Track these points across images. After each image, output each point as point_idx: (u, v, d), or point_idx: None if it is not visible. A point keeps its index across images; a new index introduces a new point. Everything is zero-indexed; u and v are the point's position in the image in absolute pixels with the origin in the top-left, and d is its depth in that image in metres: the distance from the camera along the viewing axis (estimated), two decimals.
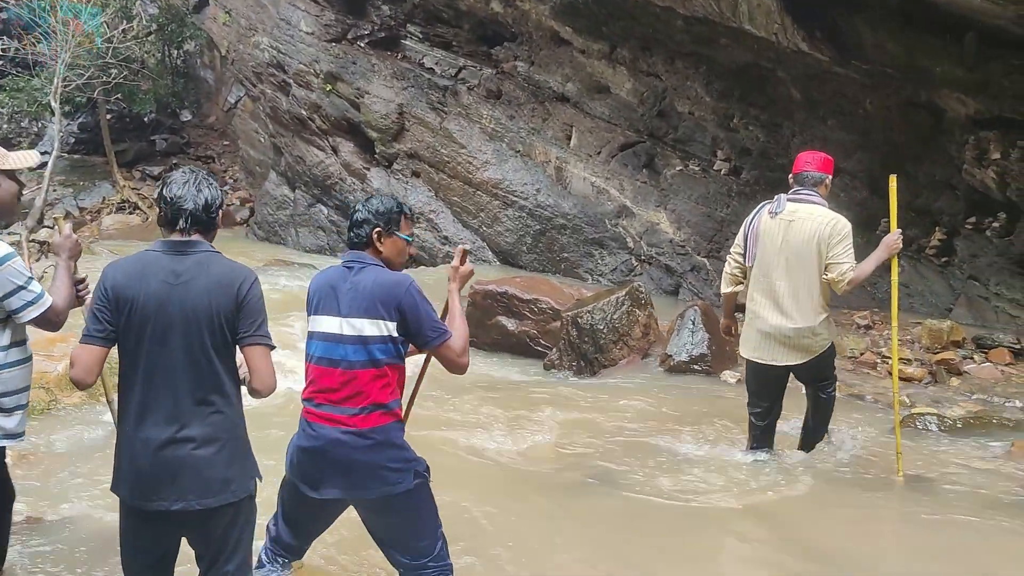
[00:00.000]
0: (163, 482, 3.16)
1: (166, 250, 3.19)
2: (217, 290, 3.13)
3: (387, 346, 3.55)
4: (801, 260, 5.14)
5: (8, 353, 3.42)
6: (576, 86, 12.12)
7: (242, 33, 15.80)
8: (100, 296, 3.14)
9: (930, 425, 6.39)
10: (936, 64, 8.10)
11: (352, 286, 3.58)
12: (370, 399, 3.53)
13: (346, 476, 3.56)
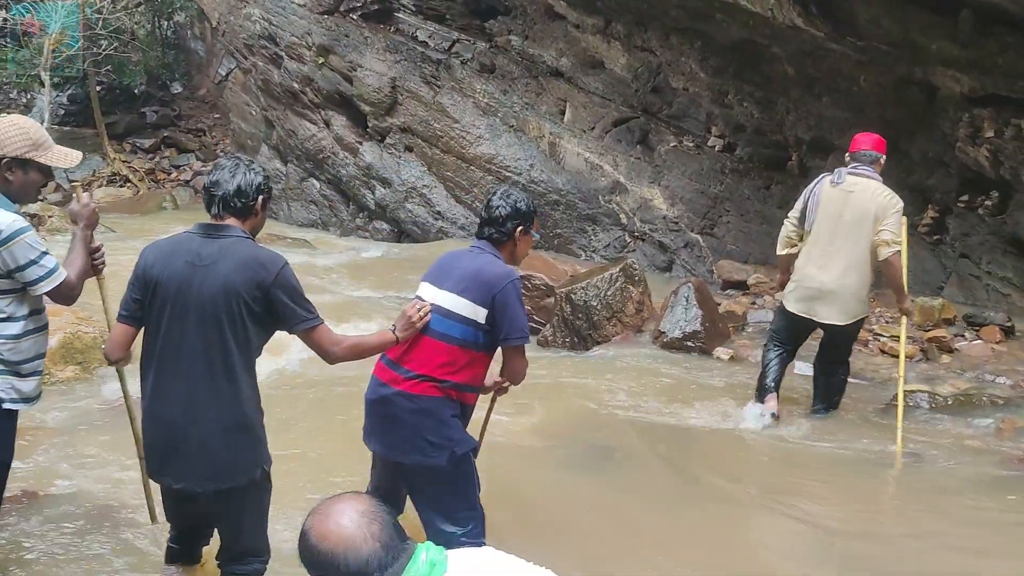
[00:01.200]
0: (170, 460, 3.29)
1: (198, 232, 3.30)
2: (239, 274, 3.18)
3: (468, 329, 3.65)
4: (857, 229, 5.63)
5: (26, 323, 3.48)
6: (570, 61, 12.06)
7: (233, 4, 15.65)
8: (133, 276, 3.32)
9: (921, 402, 6.43)
10: (931, 41, 8.07)
11: (464, 265, 3.73)
12: (431, 369, 3.64)
13: (388, 435, 3.72)
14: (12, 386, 3.47)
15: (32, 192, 3.50)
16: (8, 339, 3.44)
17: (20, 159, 3.40)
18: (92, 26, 14.81)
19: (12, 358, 3.45)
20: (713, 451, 5.63)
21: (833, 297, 5.72)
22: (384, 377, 3.74)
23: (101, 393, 6.05)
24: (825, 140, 10.09)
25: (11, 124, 3.46)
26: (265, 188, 3.39)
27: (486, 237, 3.82)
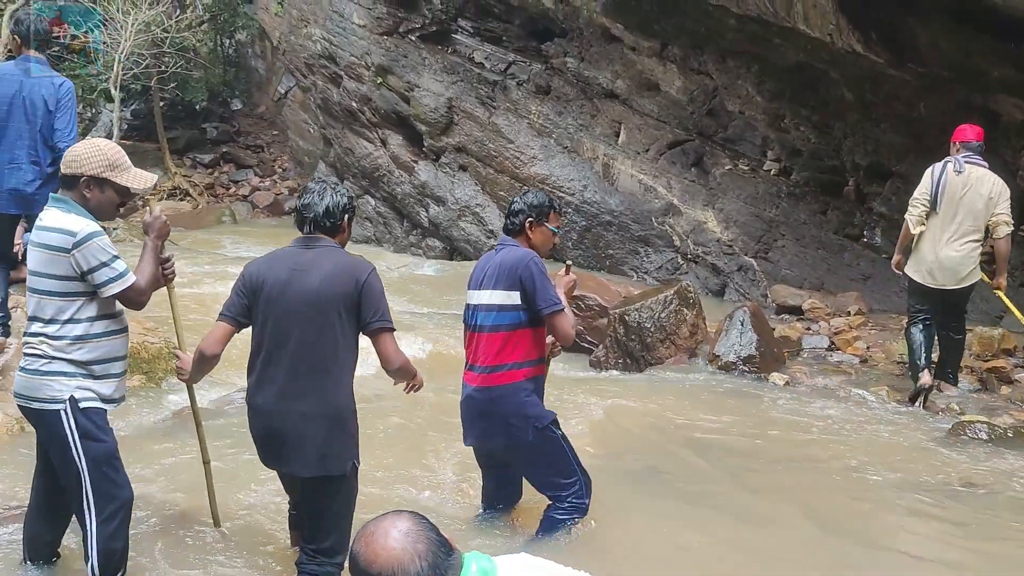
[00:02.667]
0: (273, 447, 3.66)
1: (295, 245, 3.72)
2: (335, 278, 3.58)
3: (512, 313, 4.15)
4: (975, 209, 6.67)
5: (94, 324, 3.59)
6: (625, 83, 12.12)
7: (294, 24, 15.97)
8: (239, 281, 3.71)
9: (980, 433, 6.33)
10: (993, 67, 8.01)
11: (492, 263, 4.25)
12: (495, 359, 4.18)
13: (477, 427, 4.31)
14: (87, 387, 3.57)
15: (109, 210, 3.66)
16: (76, 340, 3.55)
17: (97, 178, 3.57)
18: (159, 44, 15.19)
19: (83, 358, 3.56)
20: (768, 474, 5.61)
21: (954, 267, 6.74)
22: (466, 379, 4.31)
23: (167, 402, 6.20)
24: (883, 166, 10.02)
25: (91, 145, 3.66)
26: (350, 208, 3.79)
27: (506, 230, 4.39)
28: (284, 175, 18.75)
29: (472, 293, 4.34)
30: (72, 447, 3.53)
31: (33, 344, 3.56)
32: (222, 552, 4.26)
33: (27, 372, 3.56)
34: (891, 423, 6.65)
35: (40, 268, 3.53)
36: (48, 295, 3.53)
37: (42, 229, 3.54)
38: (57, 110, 5.82)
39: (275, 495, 4.75)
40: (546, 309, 4.11)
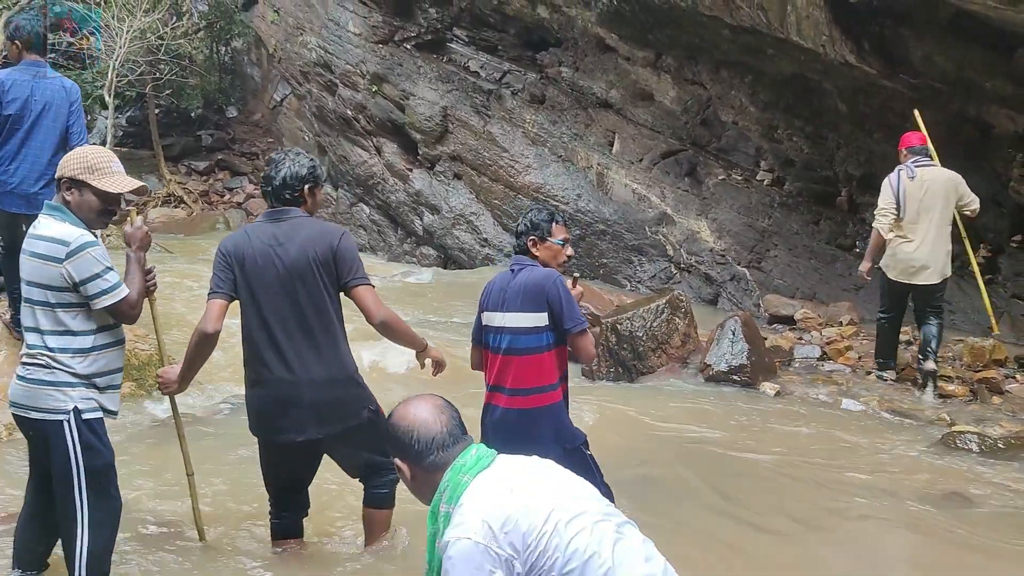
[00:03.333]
0: (285, 418, 3.74)
1: (265, 219, 3.83)
2: (310, 245, 3.71)
3: (543, 335, 4.13)
4: (938, 207, 7.21)
5: (97, 337, 3.56)
6: (620, 93, 12.15)
7: (290, 32, 16.00)
8: (219, 259, 3.78)
9: (971, 444, 6.34)
10: (985, 79, 8.04)
11: (514, 284, 4.20)
12: (531, 383, 4.15)
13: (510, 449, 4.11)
14: (91, 398, 3.55)
15: (91, 216, 3.58)
16: (76, 352, 3.52)
17: (75, 180, 3.55)
18: (154, 51, 15.20)
19: (84, 371, 3.53)
20: (759, 483, 5.60)
21: (934, 264, 7.27)
22: (495, 401, 4.23)
23: (156, 409, 6.18)
24: (876, 176, 10.01)
25: (79, 150, 3.69)
26: (310, 178, 3.85)
27: (515, 250, 4.37)
28: None
29: (494, 315, 4.24)
30: (72, 458, 3.49)
31: (34, 354, 3.50)
32: (206, 565, 4.23)
33: (27, 381, 3.51)
34: (882, 433, 6.66)
35: (33, 278, 3.49)
36: (43, 306, 3.48)
37: (35, 238, 3.50)
38: (71, 113, 5.86)
39: (262, 506, 4.74)
40: (573, 328, 4.11)
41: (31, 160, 5.84)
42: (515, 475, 2.40)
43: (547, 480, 2.42)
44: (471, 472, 2.37)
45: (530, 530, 2.25)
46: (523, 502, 2.29)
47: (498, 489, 2.31)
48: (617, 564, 2.29)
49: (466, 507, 2.30)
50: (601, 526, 2.35)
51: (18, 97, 5.75)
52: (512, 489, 2.33)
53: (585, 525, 2.31)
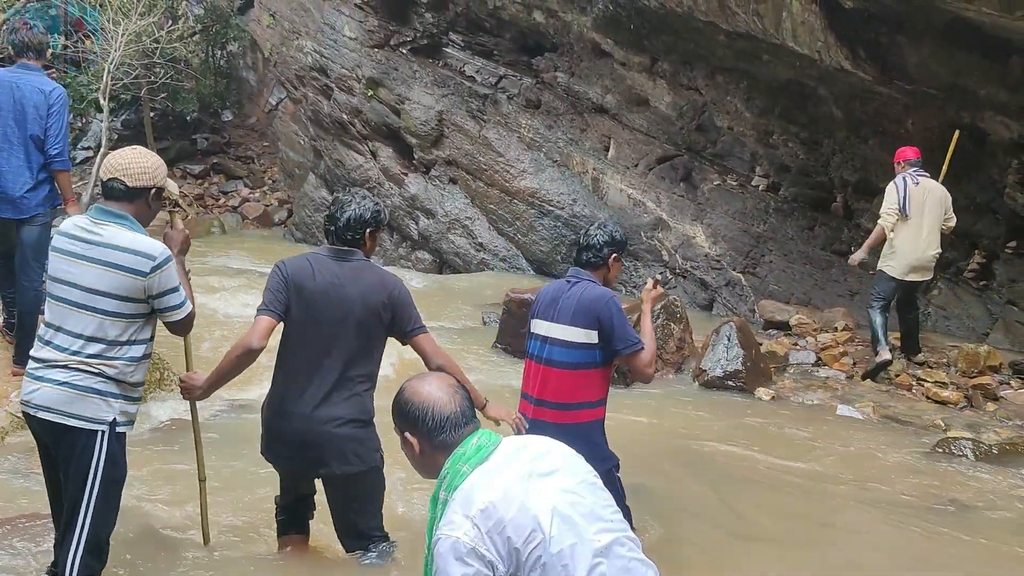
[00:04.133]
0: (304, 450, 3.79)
1: (329, 255, 3.86)
2: (372, 292, 3.78)
3: (590, 351, 4.13)
4: (934, 213, 7.86)
5: (147, 346, 3.57)
6: (615, 98, 12.16)
7: (285, 36, 15.99)
8: (277, 278, 3.81)
9: (965, 450, 6.35)
10: (980, 86, 8.06)
11: (568, 296, 4.21)
12: (571, 397, 4.15)
13: None
14: (125, 410, 3.55)
15: (151, 221, 3.60)
16: (131, 362, 3.50)
17: (160, 188, 3.56)
18: (149, 55, 15.17)
19: (134, 380, 3.53)
20: (753, 488, 5.60)
21: (929, 264, 7.94)
22: (530, 413, 4.22)
23: (152, 414, 6.16)
24: (871, 183, 10.05)
25: (149, 155, 3.60)
26: (373, 222, 3.90)
27: (583, 263, 4.32)
28: (274, 186, 18.70)
29: (542, 324, 4.27)
30: (94, 468, 3.46)
31: (87, 362, 3.42)
32: (209, 569, 4.22)
33: (75, 388, 3.41)
34: (877, 439, 6.67)
35: (100, 286, 3.40)
36: (108, 315, 3.41)
37: (106, 246, 3.40)
38: (48, 116, 5.79)
39: (262, 513, 4.74)
40: (626, 350, 4.12)
41: (15, 164, 5.80)
42: (512, 472, 2.35)
43: (546, 481, 2.37)
44: (470, 463, 2.37)
45: (516, 537, 2.25)
46: (515, 506, 2.28)
47: (492, 489, 2.30)
48: None
49: (459, 503, 2.31)
50: (586, 545, 2.30)
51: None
52: (506, 490, 2.30)
53: (572, 541, 2.29)
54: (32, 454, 5.40)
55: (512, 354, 8.56)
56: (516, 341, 8.63)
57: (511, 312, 8.73)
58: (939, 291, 9.59)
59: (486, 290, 10.97)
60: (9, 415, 5.73)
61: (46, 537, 4.36)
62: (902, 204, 7.80)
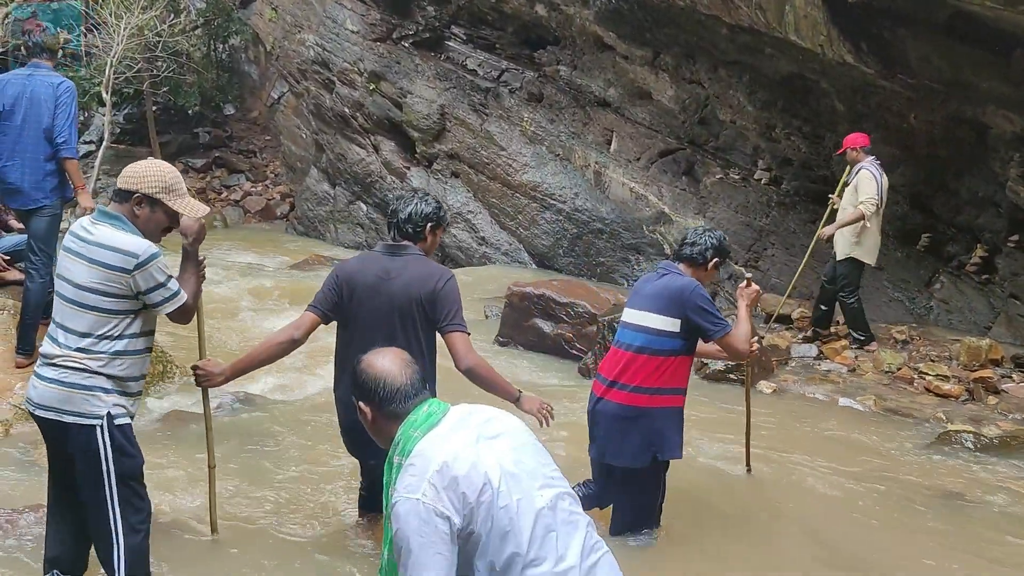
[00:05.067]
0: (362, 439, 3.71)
1: (383, 251, 4.06)
2: (416, 284, 3.91)
3: (669, 340, 4.27)
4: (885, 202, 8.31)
5: (135, 340, 3.58)
6: (618, 91, 12.15)
7: (287, 30, 15.99)
8: (331, 280, 4.03)
9: (966, 442, 6.37)
10: (983, 80, 8.04)
11: (652, 285, 4.41)
12: (634, 379, 4.29)
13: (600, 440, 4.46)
14: (121, 403, 3.56)
15: (155, 232, 3.62)
16: (119, 356, 3.53)
17: (150, 197, 3.55)
18: (151, 48, 15.17)
19: (119, 374, 3.54)
20: (751, 480, 5.62)
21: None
22: (597, 391, 4.47)
23: (151, 407, 6.18)
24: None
25: (151, 164, 3.66)
26: (434, 217, 4.07)
27: (681, 256, 4.51)
28: (276, 180, 18.70)
29: (628, 311, 4.48)
30: (104, 462, 3.49)
31: (73, 357, 3.48)
32: (217, 559, 4.26)
33: (63, 385, 3.47)
34: (879, 432, 6.68)
35: (90, 283, 3.46)
36: (97, 311, 3.47)
37: (95, 244, 3.48)
38: (56, 107, 6.02)
39: (268, 505, 4.76)
40: (717, 333, 4.25)
41: (26, 156, 6.04)
42: (461, 436, 2.51)
43: (492, 442, 2.52)
44: (421, 428, 2.52)
45: (470, 492, 2.40)
46: (466, 465, 2.43)
47: (444, 451, 2.44)
48: (533, 546, 2.42)
49: (415, 466, 2.44)
50: (531, 500, 2.47)
51: (10, 94, 6.06)
52: (457, 452, 2.45)
53: (518, 496, 2.45)
54: (37, 446, 5.45)
55: (514, 347, 8.58)
56: (517, 334, 8.66)
57: (513, 306, 8.75)
58: (941, 285, 9.60)
59: (488, 284, 10.97)
60: (13, 407, 5.76)
61: None
62: (880, 192, 8.10)
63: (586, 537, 2.53)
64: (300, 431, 6.04)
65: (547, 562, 2.41)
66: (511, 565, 2.40)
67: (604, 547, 2.58)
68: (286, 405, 6.62)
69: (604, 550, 2.56)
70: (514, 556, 2.40)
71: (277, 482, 5.21)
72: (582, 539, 2.51)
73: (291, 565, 4.21)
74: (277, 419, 6.26)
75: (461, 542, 2.41)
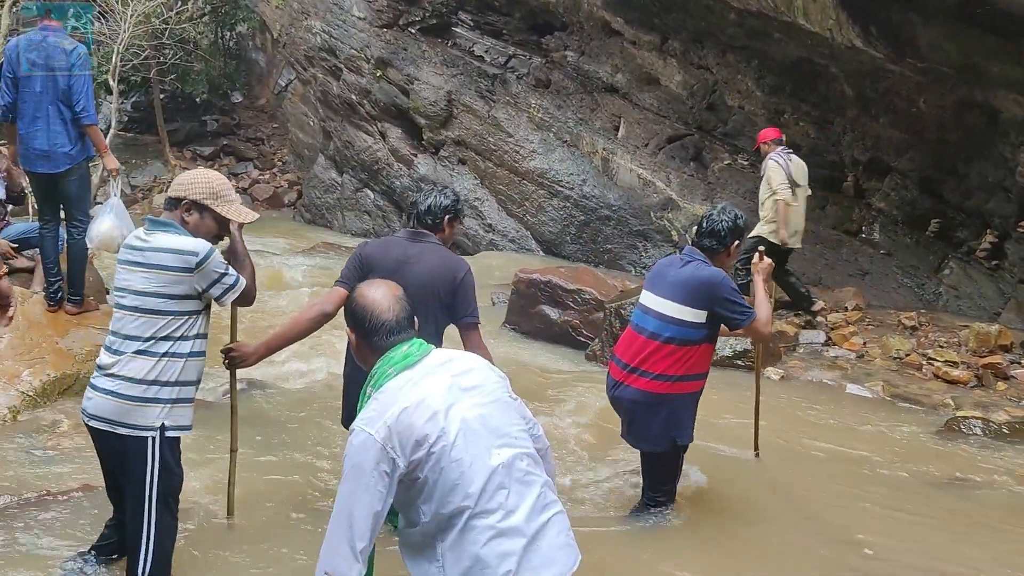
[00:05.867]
0: None
1: (405, 236, 4.25)
2: (438, 271, 4.08)
3: (694, 331, 4.35)
4: (803, 187, 8.72)
5: (196, 343, 3.62)
6: (625, 77, 12.10)
7: (294, 17, 15.95)
8: (355, 257, 4.21)
9: (975, 428, 6.34)
10: (993, 64, 7.98)
11: (675, 274, 4.45)
12: (651, 365, 4.39)
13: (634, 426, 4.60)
14: (175, 414, 3.58)
15: (206, 237, 3.65)
16: (177, 357, 3.55)
17: (198, 203, 3.60)
18: (159, 36, 15.17)
19: (176, 379, 3.56)
20: (758, 465, 5.61)
21: (800, 230, 8.78)
22: (616, 375, 4.57)
23: None
24: (882, 161, 10.00)
25: (200, 173, 3.73)
26: (452, 210, 4.28)
27: (704, 247, 4.51)
28: (284, 168, 18.73)
29: (649, 296, 4.51)
30: (148, 474, 3.54)
31: (130, 364, 3.50)
32: (234, 542, 4.29)
33: (119, 397, 3.49)
34: (887, 418, 6.66)
35: (150, 288, 3.50)
36: (157, 314, 3.50)
37: (153, 250, 3.51)
38: (71, 75, 6.07)
39: (283, 488, 4.77)
40: (743, 322, 4.35)
41: (48, 120, 6.10)
42: (433, 382, 2.57)
43: (464, 394, 2.58)
44: (397, 366, 2.60)
45: (421, 439, 2.47)
46: (427, 413, 2.49)
47: (409, 396, 2.52)
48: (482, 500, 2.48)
49: (379, 402, 2.53)
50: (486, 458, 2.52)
51: (27, 60, 6.10)
52: (423, 399, 2.52)
53: (474, 452, 2.50)
54: (41, 432, 5.47)
55: (520, 334, 8.58)
56: (524, 321, 8.65)
57: (520, 293, 8.74)
58: (951, 271, 9.55)
59: (495, 271, 10.97)
60: (20, 394, 5.78)
61: (62, 514, 4.42)
62: (789, 179, 8.50)
63: (539, 497, 2.58)
64: (309, 415, 6.06)
65: (494, 515, 2.48)
66: (457, 514, 2.47)
67: (558, 507, 2.63)
68: (293, 391, 6.64)
69: (557, 510, 2.62)
70: (461, 507, 2.47)
71: (290, 465, 5.23)
72: (534, 498, 2.56)
73: (305, 546, 4.22)
74: (285, 404, 6.28)
75: (405, 485, 2.50)
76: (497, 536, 2.47)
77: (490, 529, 2.46)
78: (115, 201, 5.87)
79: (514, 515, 2.50)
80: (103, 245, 5.81)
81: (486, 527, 2.46)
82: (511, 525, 2.48)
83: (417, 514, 2.52)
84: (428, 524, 2.51)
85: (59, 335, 6.34)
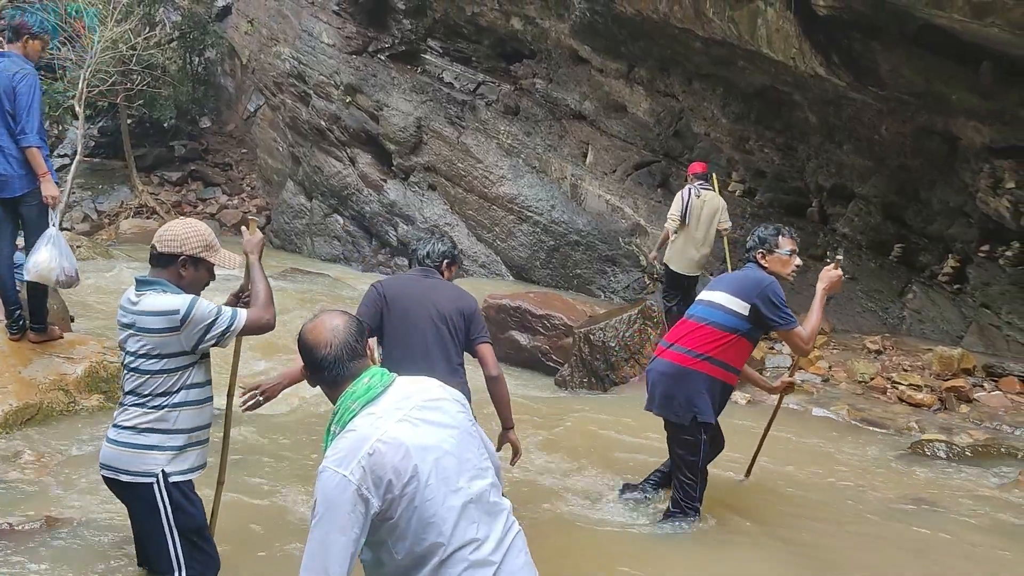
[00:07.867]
0: None
1: (419, 273, 4.60)
2: (451, 304, 4.45)
3: (731, 317, 4.68)
4: (708, 221, 9.15)
5: (190, 392, 3.62)
6: (593, 104, 12.21)
7: (264, 43, 15.97)
8: (372, 294, 4.47)
9: (939, 451, 6.41)
10: (952, 91, 8.13)
11: (733, 274, 5.00)
12: (691, 343, 4.74)
13: (656, 398, 4.91)
14: (177, 460, 3.59)
15: (198, 288, 3.68)
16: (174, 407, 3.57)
17: (195, 258, 3.62)
18: (126, 61, 15.09)
19: (180, 426, 3.58)
20: (726, 490, 5.63)
21: (701, 261, 9.26)
22: (656, 352, 4.97)
23: None
24: (845, 187, 10.14)
25: (187, 225, 3.71)
26: (449, 255, 4.67)
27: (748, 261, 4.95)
28: (252, 193, 18.65)
29: (707, 292, 4.93)
30: (164, 517, 3.56)
31: (129, 414, 3.55)
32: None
33: (118, 444, 3.55)
34: (852, 441, 6.71)
35: (143, 351, 3.53)
36: (154, 373, 3.53)
37: (142, 314, 3.52)
38: (16, 99, 5.95)
39: (264, 512, 4.72)
40: (782, 326, 4.67)
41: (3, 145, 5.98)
42: (398, 417, 2.53)
43: (430, 429, 2.55)
44: (359, 401, 2.55)
45: (396, 480, 2.44)
46: (400, 452, 2.46)
47: (378, 431, 2.47)
48: (456, 537, 2.48)
49: (348, 440, 2.47)
50: (457, 495, 2.51)
51: None
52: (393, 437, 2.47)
53: (445, 490, 2.49)
54: (3, 463, 5.39)
55: None
56: (495, 346, 8.64)
57: (489, 318, 8.75)
58: (914, 295, 9.68)
59: None
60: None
61: (21, 547, 4.35)
62: (684, 213, 9.09)
63: (504, 523, 2.61)
64: (292, 443, 6.01)
65: (466, 548, 2.49)
66: (431, 552, 2.47)
67: (516, 527, 2.66)
68: (274, 418, 6.59)
69: (516, 531, 2.65)
70: (435, 544, 2.47)
71: (272, 493, 5.18)
72: (501, 527, 2.59)
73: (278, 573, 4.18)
74: (266, 431, 6.23)
75: (376, 524, 2.47)
76: (469, 568, 2.49)
77: (464, 562, 2.48)
78: (53, 231, 5.76)
79: (484, 545, 2.52)
80: (39, 278, 5.71)
81: (460, 559, 2.48)
82: (482, 557, 2.51)
83: (389, 553, 2.51)
84: (402, 561, 2.51)
85: (22, 364, 6.24)
